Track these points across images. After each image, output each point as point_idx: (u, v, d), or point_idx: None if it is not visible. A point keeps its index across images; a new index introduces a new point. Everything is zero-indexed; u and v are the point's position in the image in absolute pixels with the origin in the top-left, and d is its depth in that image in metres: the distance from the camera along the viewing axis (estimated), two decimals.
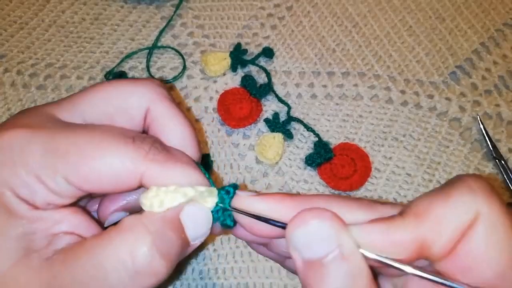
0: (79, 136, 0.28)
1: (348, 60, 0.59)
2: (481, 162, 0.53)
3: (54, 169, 0.27)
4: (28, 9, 0.63)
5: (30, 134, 0.28)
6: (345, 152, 0.52)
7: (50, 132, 0.28)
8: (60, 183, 0.27)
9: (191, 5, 0.64)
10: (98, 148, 0.27)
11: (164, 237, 0.27)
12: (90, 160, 0.27)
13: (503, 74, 0.58)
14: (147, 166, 0.28)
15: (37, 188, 0.27)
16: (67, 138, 0.28)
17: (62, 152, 0.27)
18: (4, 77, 0.58)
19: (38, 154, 0.27)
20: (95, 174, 0.27)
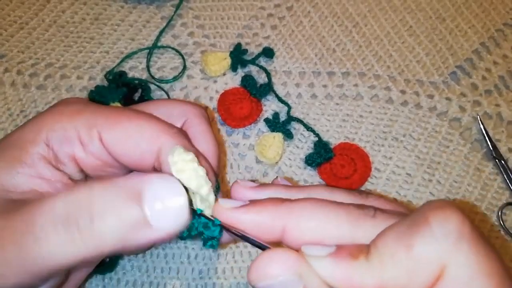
0: (118, 110, 0.31)
1: (348, 60, 0.59)
2: (481, 162, 0.53)
3: (93, 124, 0.29)
4: (28, 9, 0.63)
5: (85, 103, 0.32)
6: (345, 152, 0.52)
7: (100, 106, 0.32)
8: (94, 141, 0.29)
9: (191, 5, 0.64)
10: (129, 118, 0.30)
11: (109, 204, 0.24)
12: (121, 125, 0.30)
13: (503, 74, 0.58)
14: (166, 142, 0.29)
15: (71, 139, 0.29)
16: (110, 110, 0.31)
17: (102, 117, 0.30)
18: (4, 77, 0.58)
19: (85, 115, 0.30)
20: (122, 137, 0.29)
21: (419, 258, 0.23)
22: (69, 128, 0.29)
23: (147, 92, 0.56)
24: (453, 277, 0.22)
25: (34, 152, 0.29)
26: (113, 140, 0.29)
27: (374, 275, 0.23)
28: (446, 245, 0.23)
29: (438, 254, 0.23)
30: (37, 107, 0.56)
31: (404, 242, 0.23)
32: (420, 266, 0.23)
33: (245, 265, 0.48)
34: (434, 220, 0.23)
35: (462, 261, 0.22)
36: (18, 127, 0.31)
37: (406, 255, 0.23)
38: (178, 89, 0.57)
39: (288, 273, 0.24)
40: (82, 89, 0.57)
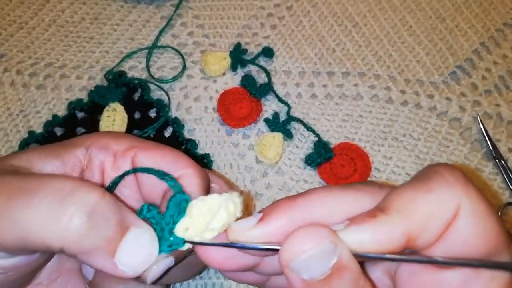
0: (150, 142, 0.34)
1: (348, 60, 0.59)
2: (481, 162, 0.53)
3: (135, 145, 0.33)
4: (27, 9, 0.63)
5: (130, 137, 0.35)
6: (345, 152, 0.52)
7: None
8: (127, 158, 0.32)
9: (191, 4, 0.64)
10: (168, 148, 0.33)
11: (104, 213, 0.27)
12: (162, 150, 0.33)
13: (503, 74, 0.58)
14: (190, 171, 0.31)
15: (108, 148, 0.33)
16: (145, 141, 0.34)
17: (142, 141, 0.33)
18: (4, 76, 0.58)
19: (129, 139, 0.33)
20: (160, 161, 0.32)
21: (438, 199, 0.25)
22: (111, 143, 0.32)
23: (146, 92, 0.56)
24: (467, 215, 0.24)
25: (73, 153, 0.31)
26: (147, 160, 0.31)
27: (398, 225, 0.24)
28: (459, 187, 0.25)
29: (453, 194, 0.25)
30: (36, 107, 0.56)
31: (422, 189, 0.25)
32: (440, 206, 0.24)
33: None
34: (445, 170, 0.26)
35: (472, 201, 0.25)
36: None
37: (426, 199, 0.25)
38: (178, 89, 0.57)
39: (324, 241, 0.24)
40: (82, 89, 0.57)
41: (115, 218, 0.27)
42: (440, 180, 0.25)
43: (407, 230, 0.24)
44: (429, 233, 0.25)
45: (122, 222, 0.27)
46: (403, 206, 0.25)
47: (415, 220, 0.24)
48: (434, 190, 0.25)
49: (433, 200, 0.25)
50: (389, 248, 0.24)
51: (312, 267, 0.24)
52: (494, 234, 0.25)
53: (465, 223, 0.25)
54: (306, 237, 0.24)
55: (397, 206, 0.25)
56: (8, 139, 0.54)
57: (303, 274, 0.24)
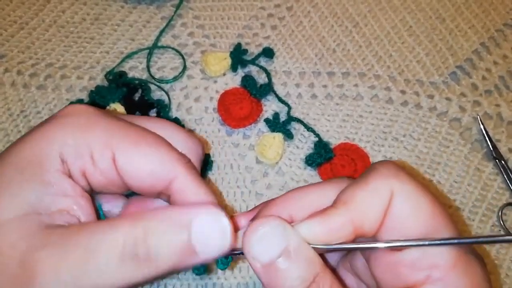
0: (135, 130, 0.31)
1: (348, 60, 0.59)
2: (481, 162, 0.53)
3: (108, 146, 0.29)
4: (28, 9, 0.63)
5: (96, 114, 0.31)
6: (345, 152, 0.52)
7: (113, 119, 0.31)
8: (105, 159, 0.29)
9: (192, 5, 0.64)
10: (148, 143, 0.30)
11: (162, 236, 0.26)
12: (139, 149, 0.30)
13: (503, 74, 0.58)
14: (181, 172, 0.31)
15: (83, 154, 0.29)
16: (125, 127, 0.31)
17: (118, 136, 0.30)
18: (4, 77, 0.58)
19: (99, 130, 0.30)
20: (139, 161, 0.30)
21: (374, 188, 0.28)
22: (82, 143, 0.29)
23: (147, 92, 0.56)
24: (400, 199, 0.28)
25: (53, 169, 0.28)
26: (127, 163, 0.30)
27: (344, 215, 0.28)
28: (391, 176, 0.28)
29: (386, 182, 0.28)
30: (37, 107, 0.56)
31: (361, 182, 0.29)
32: (376, 194, 0.28)
33: (245, 265, 0.48)
34: (379, 165, 0.30)
35: (404, 186, 0.28)
36: (23, 139, 0.29)
37: (363, 190, 0.28)
38: (178, 89, 0.57)
39: (272, 227, 0.27)
40: (82, 89, 0.57)
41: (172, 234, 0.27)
42: (375, 173, 0.29)
43: (351, 219, 0.28)
44: (371, 219, 0.28)
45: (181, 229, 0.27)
46: (346, 198, 0.28)
47: (356, 209, 0.28)
48: (369, 182, 0.29)
49: (369, 189, 0.28)
50: (340, 237, 0.28)
51: (265, 251, 0.27)
52: (430, 213, 0.28)
53: (400, 206, 0.28)
54: (257, 223, 0.28)
55: (342, 199, 0.29)
56: (8, 139, 0.54)
57: (261, 259, 0.27)
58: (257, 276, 0.28)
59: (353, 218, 0.28)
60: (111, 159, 0.29)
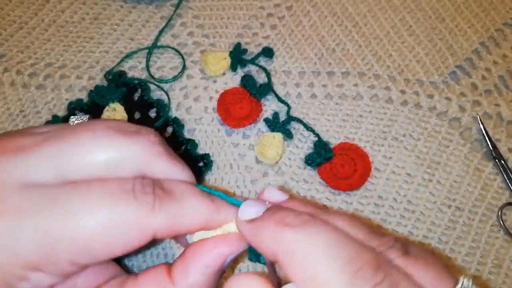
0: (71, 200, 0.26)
1: (348, 60, 0.59)
2: (481, 162, 0.53)
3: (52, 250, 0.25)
4: (27, 9, 0.63)
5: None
6: (345, 152, 0.52)
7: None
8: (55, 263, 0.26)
9: (191, 4, 0.64)
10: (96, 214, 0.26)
11: None
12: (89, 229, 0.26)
13: (503, 74, 0.58)
14: (156, 220, 0.27)
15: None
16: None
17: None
18: (4, 76, 0.58)
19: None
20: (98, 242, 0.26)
21: None
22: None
23: (146, 92, 0.56)
24: None
25: None
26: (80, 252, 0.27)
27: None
28: None
29: None
30: (36, 107, 0.56)
31: None
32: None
33: (245, 265, 0.48)
34: None
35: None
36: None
37: None
38: (178, 89, 0.57)
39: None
40: (82, 89, 0.57)
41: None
42: None
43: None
44: None
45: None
46: None
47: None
48: None
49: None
50: None
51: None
52: None
53: None
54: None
55: None
56: None
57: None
58: None
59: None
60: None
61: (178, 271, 0.28)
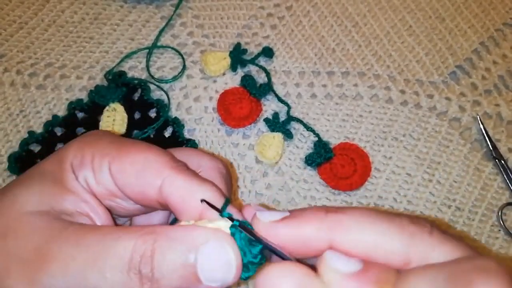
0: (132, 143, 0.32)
1: (348, 59, 0.59)
2: (481, 162, 0.53)
3: (105, 157, 0.30)
4: (27, 9, 0.63)
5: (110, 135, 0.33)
6: (345, 152, 0.52)
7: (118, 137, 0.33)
8: (103, 169, 0.30)
9: (191, 4, 0.64)
10: (137, 150, 0.31)
11: (169, 258, 0.26)
12: (128, 156, 0.30)
13: (503, 74, 0.58)
14: (168, 173, 0.29)
15: (85, 164, 0.30)
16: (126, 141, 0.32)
17: (116, 147, 0.31)
18: (4, 76, 0.58)
19: (101, 144, 0.31)
20: (126, 168, 0.30)
21: None
22: (86, 155, 0.31)
23: (146, 92, 0.56)
24: None
25: (70, 178, 0.30)
26: (119, 171, 0.30)
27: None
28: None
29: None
30: (36, 107, 0.56)
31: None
32: None
33: None
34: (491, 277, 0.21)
35: None
36: (48, 156, 0.32)
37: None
38: (178, 89, 0.57)
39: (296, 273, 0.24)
40: (82, 89, 0.57)
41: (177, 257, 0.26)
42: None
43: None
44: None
45: (187, 254, 0.26)
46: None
47: None
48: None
49: None
50: None
51: None
52: None
53: None
54: (278, 275, 0.24)
55: None
56: (8, 139, 0.54)
57: None
58: None
59: None
60: (108, 169, 0.30)
61: None
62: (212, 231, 0.27)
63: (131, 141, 0.32)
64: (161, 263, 0.26)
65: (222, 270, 0.26)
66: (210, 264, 0.26)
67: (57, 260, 0.26)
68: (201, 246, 0.26)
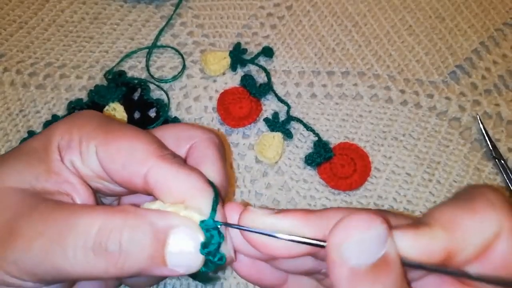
0: (119, 127, 0.31)
1: (347, 59, 0.59)
2: (481, 161, 0.53)
3: (92, 140, 0.30)
4: (27, 8, 0.63)
5: (98, 116, 0.32)
6: (345, 151, 0.52)
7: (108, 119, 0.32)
8: (90, 152, 0.30)
9: (191, 4, 0.64)
10: (125, 137, 0.30)
11: (137, 239, 0.26)
12: (115, 142, 0.30)
13: (503, 74, 0.58)
14: (154, 163, 0.29)
15: (72, 147, 0.30)
16: (114, 124, 0.32)
17: (103, 131, 0.30)
18: (4, 76, 0.58)
19: (89, 126, 0.31)
20: (112, 154, 0.30)
21: (482, 219, 0.25)
22: (74, 138, 0.30)
23: (146, 91, 0.56)
24: (508, 238, 0.25)
25: (55, 159, 0.30)
26: (105, 157, 0.30)
27: (440, 239, 0.25)
28: (503, 210, 0.25)
29: (497, 216, 0.25)
30: (36, 107, 0.56)
31: (466, 208, 0.26)
32: (483, 227, 0.25)
33: None
34: (489, 192, 0.26)
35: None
36: (36, 135, 0.32)
37: (470, 218, 0.25)
38: (178, 89, 0.57)
39: (379, 226, 0.24)
40: (82, 89, 0.57)
41: (148, 236, 0.26)
42: (485, 201, 0.26)
43: (448, 246, 0.25)
44: (468, 251, 0.25)
45: (157, 235, 0.27)
46: (446, 222, 0.25)
47: (457, 237, 0.25)
48: (478, 211, 0.25)
49: (477, 220, 0.25)
50: (427, 259, 0.25)
51: (362, 252, 0.24)
52: None
53: (506, 246, 0.25)
54: (361, 221, 0.24)
55: (440, 221, 0.25)
56: (7, 138, 0.54)
57: (352, 259, 0.24)
58: (333, 282, 0.24)
59: (450, 245, 0.25)
60: (94, 153, 0.30)
61: None
62: (184, 218, 0.27)
63: (118, 125, 0.32)
64: (130, 241, 0.26)
65: (188, 256, 0.27)
66: (178, 248, 0.27)
67: (23, 236, 0.26)
68: (172, 229, 0.27)
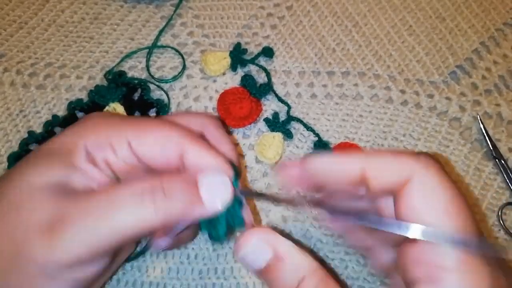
0: (142, 120, 0.36)
1: (348, 59, 0.59)
2: (481, 161, 0.53)
3: (123, 135, 0.34)
4: (27, 9, 0.63)
5: (117, 116, 0.37)
6: (345, 151, 0.52)
7: (123, 117, 0.38)
8: (123, 147, 0.34)
9: (191, 4, 0.64)
10: (155, 126, 0.35)
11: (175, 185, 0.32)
12: (147, 133, 0.35)
13: (503, 74, 0.58)
14: (188, 144, 0.34)
15: (104, 146, 0.34)
16: (135, 120, 0.36)
17: (130, 127, 0.35)
18: (4, 76, 0.58)
19: (113, 125, 0.35)
20: (149, 143, 0.34)
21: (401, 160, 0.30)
22: (102, 137, 0.34)
23: (146, 92, 0.56)
24: (418, 183, 0.29)
25: (80, 157, 0.33)
26: (141, 146, 0.34)
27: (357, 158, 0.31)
28: (424, 163, 0.30)
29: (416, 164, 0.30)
30: (36, 107, 0.56)
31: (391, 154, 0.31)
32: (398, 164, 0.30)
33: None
34: (420, 153, 0.31)
35: (430, 175, 0.29)
36: (54, 137, 0.35)
37: (390, 156, 0.31)
38: (178, 89, 0.57)
39: (258, 238, 0.31)
40: (82, 89, 0.57)
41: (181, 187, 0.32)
42: (411, 155, 0.30)
43: (363, 166, 0.31)
44: (381, 179, 0.30)
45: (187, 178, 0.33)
46: (368, 153, 0.32)
47: (371, 161, 0.31)
48: (397, 154, 0.31)
49: (395, 159, 0.30)
50: (346, 175, 0.31)
51: (256, 259, 0.31)
52: (445, 209, 0.28)
53: (416, 190, 0.29)
54: (247, 236, 0.31)
55: (365, 151, 0.32)
56: (8, 139, 0.54)
57: (253, 265, 0.31)
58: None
59: (365, 167, 0.30)
60: (127, 146, 0.34)
61: None
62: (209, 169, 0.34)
63: (137, 118, 0.37)
64: (170, 188, 0.31)
65: (220, 190, 0.33)
66: (210, 187, 0.33)
67: (71, 220, 0.30)
68: (201, 176, 0.33)
